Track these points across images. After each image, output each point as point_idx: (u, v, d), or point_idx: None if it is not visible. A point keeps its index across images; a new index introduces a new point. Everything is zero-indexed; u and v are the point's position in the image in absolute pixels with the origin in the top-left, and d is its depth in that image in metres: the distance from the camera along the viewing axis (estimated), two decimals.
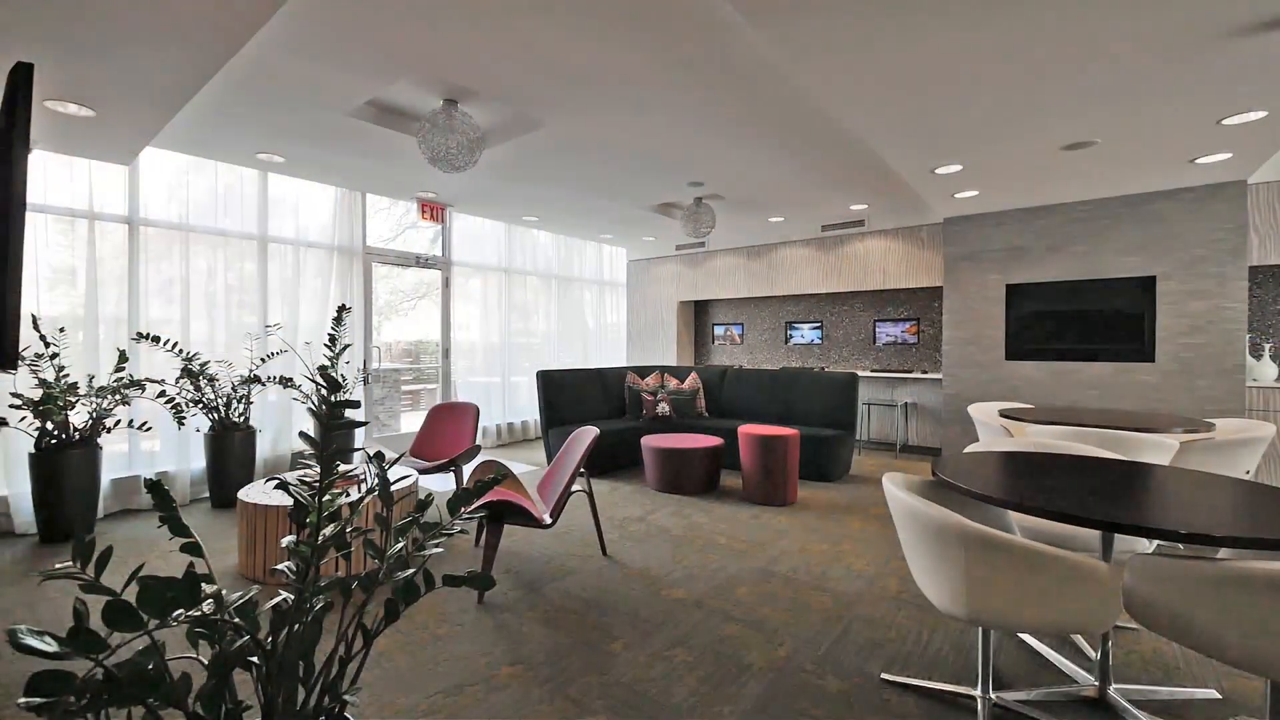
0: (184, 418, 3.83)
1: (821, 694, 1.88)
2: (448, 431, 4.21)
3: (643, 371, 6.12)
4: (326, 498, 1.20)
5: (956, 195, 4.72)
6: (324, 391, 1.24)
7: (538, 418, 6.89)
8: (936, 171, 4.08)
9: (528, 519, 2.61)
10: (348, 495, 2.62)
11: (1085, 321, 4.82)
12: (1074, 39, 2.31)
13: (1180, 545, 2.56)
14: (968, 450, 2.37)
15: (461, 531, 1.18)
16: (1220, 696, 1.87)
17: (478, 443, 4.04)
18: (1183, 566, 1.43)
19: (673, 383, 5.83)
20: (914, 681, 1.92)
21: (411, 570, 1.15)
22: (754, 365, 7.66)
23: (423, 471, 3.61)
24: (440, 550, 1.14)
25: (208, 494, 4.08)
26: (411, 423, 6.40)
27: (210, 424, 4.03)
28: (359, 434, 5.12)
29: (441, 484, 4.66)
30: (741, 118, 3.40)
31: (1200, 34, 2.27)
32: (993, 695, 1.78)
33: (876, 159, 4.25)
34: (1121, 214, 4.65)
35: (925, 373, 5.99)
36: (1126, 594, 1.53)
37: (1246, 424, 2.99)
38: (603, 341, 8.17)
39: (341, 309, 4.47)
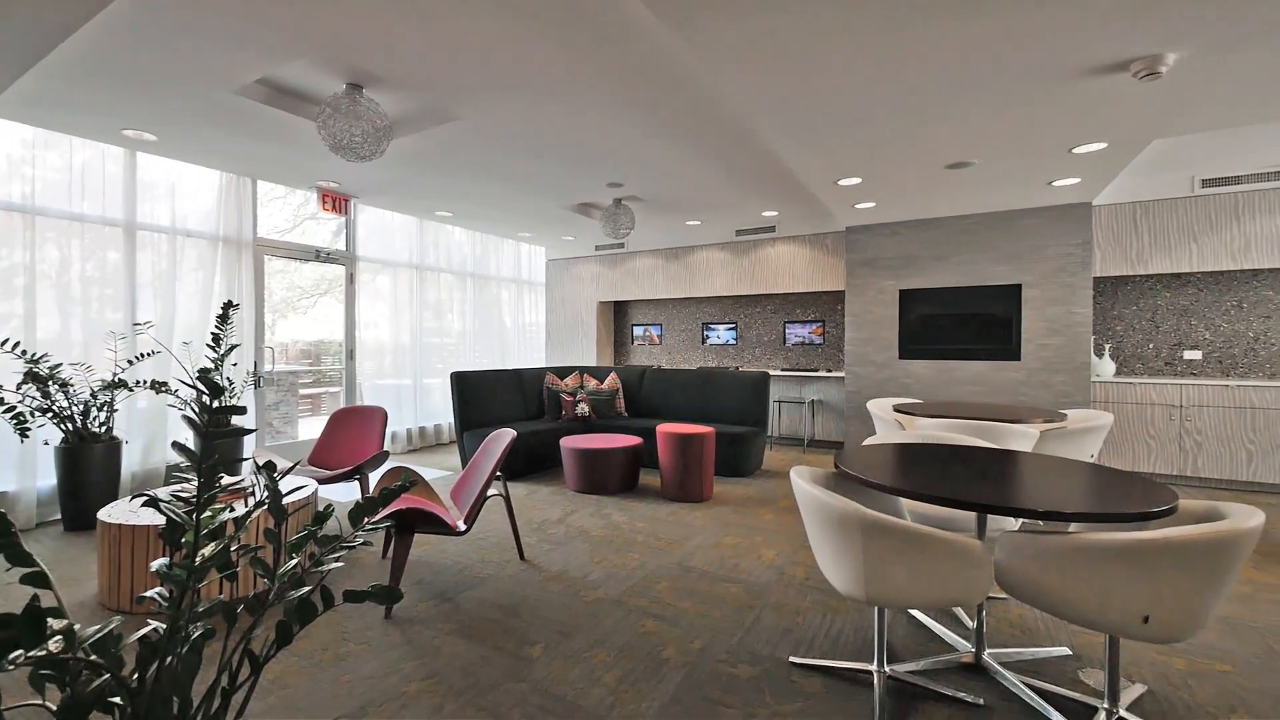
0: (28, 429, 3.33)
1: (735, 682, 1.95)
2: (352, 437, 3.95)
3: (562, 372, 6.07)
4: (206, 514, 1.09)
5: (857, 206, 5.06)
6: (205, 397, 1.12)
7: (452, 421, 6.64)
8: (839, 183, 4.36)
9: (440, 527, 2.51)
10: (232, 510, 2.39)
11: (965, 324, 5.34)
12: (956, 71, 2.56)
13: (1040, 522, 2.90)
14: (865, 443, 2.55)
15: (365, 544, 1.12)
16: (1071, 652, 2.14)
17: (386, 449, 3.83)
18: (1040, 541, 1.62)
19: (592, 383, 5.82)
20: (819, 662, 2.04)
21: (307, 588, 1.07)
22: (673, 365, 7.82)
23: (323, 481, 3.37)
24: (340, 565, 1.07)
25: (59, 515, 3.57)
26: (311, 429, 5.95)
27: (63, 435, 3.53)
28: (247, 442, 4.69)
29: (346, 494, 4.38)
30: (660, 121, 3.46)
31: (1054, 74, 2.59)
32: (887, 669, 1.93)
33: (786, 168, 4.47)
34: (995, 228, 5.20)
35: (830, 371, 6.38)
36: (997, 568, 1.71)
37: (1091, 414, 3.44)
38: (521, 342, 8.01)
39: (228, 306, 4.08)
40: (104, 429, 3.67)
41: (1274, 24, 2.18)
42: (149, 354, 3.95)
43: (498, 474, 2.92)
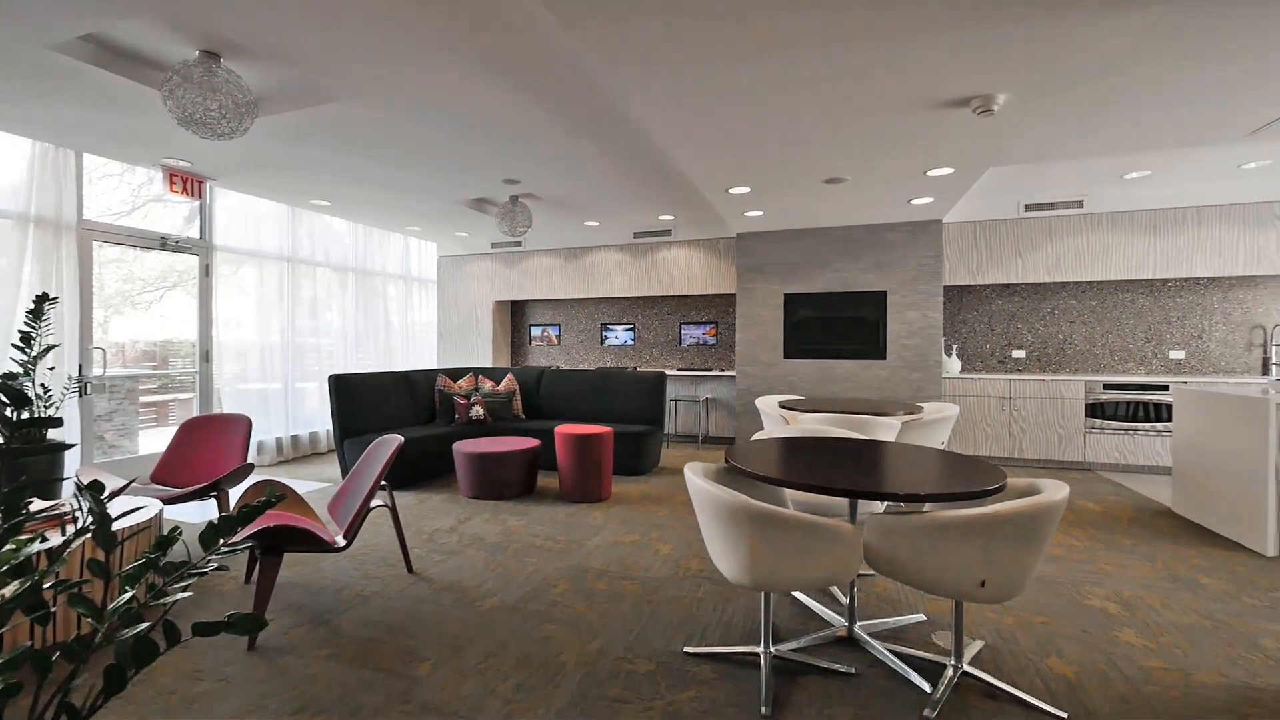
0: None
1: (632, 677, 1.98)
2: (208, 450, 3.51)
3: (456, 374, 5.81)
4: (7, 547, 0.92)
5: (747, 214, 5.35)
6: (8, 409, 0.95)
7: (330, 428, 6.12)
8: (730, 191, 4.58)
9: (315, 544, 2.30)
10: (45, 540, 2.03)
11: (841, 326, 5.83)
12: (832, 95, 2.78)
13: (901, 504, 3.23)
14: (753, 438, 2.70)
15: (220, 568, 1.00)
16: (926, 618, 2.41)
17: (250, 461, 3.45)
18: (900, 520, 1.81)
19: (488, 385, 5.64)
20: (711, 650, 2.13)
21: (145, 625, 0.94)
22: (571, 366, 7.78)
23: (170, 501, 2.96)
24: (189, 595, 0.95)
25: None
26: (156, 442, 5.22)
27: None
28: (70, 459, 4.01)
29: (202, 514, 3.88)
30: (560, 119, 3.42)
31: (912, 104, 2.90)
32: (772, 649, 2.06)
33: (682, 174, 4.62)
34: (865, 239, 5.73)
35: (723, 370, 6.68)
36: (865, 547, 1.89)
37: (942, 406, 3.89)
38: (410, 342, 7.57)
39: (42, 299, 3.45)
40: None
41: (1076, 76, 2.61)
42: None
43: (383, 483, 2.74)
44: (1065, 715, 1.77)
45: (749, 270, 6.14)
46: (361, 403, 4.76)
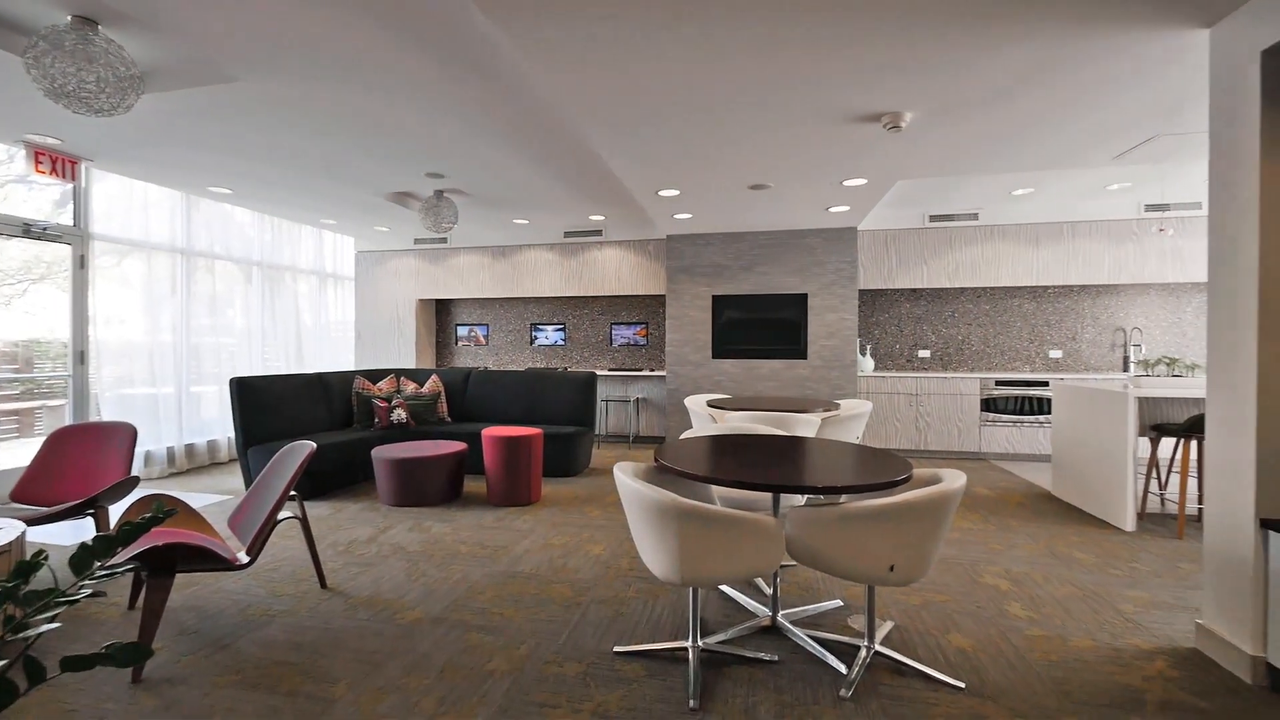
0: None
1: (562, 681, 1.96)
2: (84, 462, 3.13)
3: (375, 375, 5.53)
4: None
5: (676, 216, 5.44)
6: None
7: (232, 435, 5.64)
8: (660, 193, 4.64)
9: (213, 562, 2.11)
10: None
11: (765, 327, 6.05)
12: (754, 104, 2.88)
13: (820, 496, 3.39)
14: (682, 437, 2.75)
15: (96, 595, 0.90)
16: (842, 603, 2.55)
17: (135, 474, 3.12)
18: (818, 512, 1.90)
19: (411, 387, 5.40)
20: (641, 647, 2.15)
21: (1, 663, 0.82)
22: (500, 367, 7.60)
23: (35, 521, 2.62)
24: (57, 626, 0.84)
25: None
26: (20, 455, 4.61)
27: None
28: None
29: (75, 534, 3.47)
30: (488, 114, 3.33)
31: (828, 117, 3.06)
32: (700, 643, 2.11)
33: (612, 175, 4.63)
34: (788, 244, 5.98)
35: (653, 370, 6.76)
36: (787, 539, 1.97)
37: (857, 403, 4.13)
38: (324, 342, 7.12)
39: None
40: None
41: (971, 102, 2.85)
42: None
43: (292, 493, 2.55)
44: (963, 685, 1.93)
45: (679, 272, 6.25)
46: (268, 407, 4.42)
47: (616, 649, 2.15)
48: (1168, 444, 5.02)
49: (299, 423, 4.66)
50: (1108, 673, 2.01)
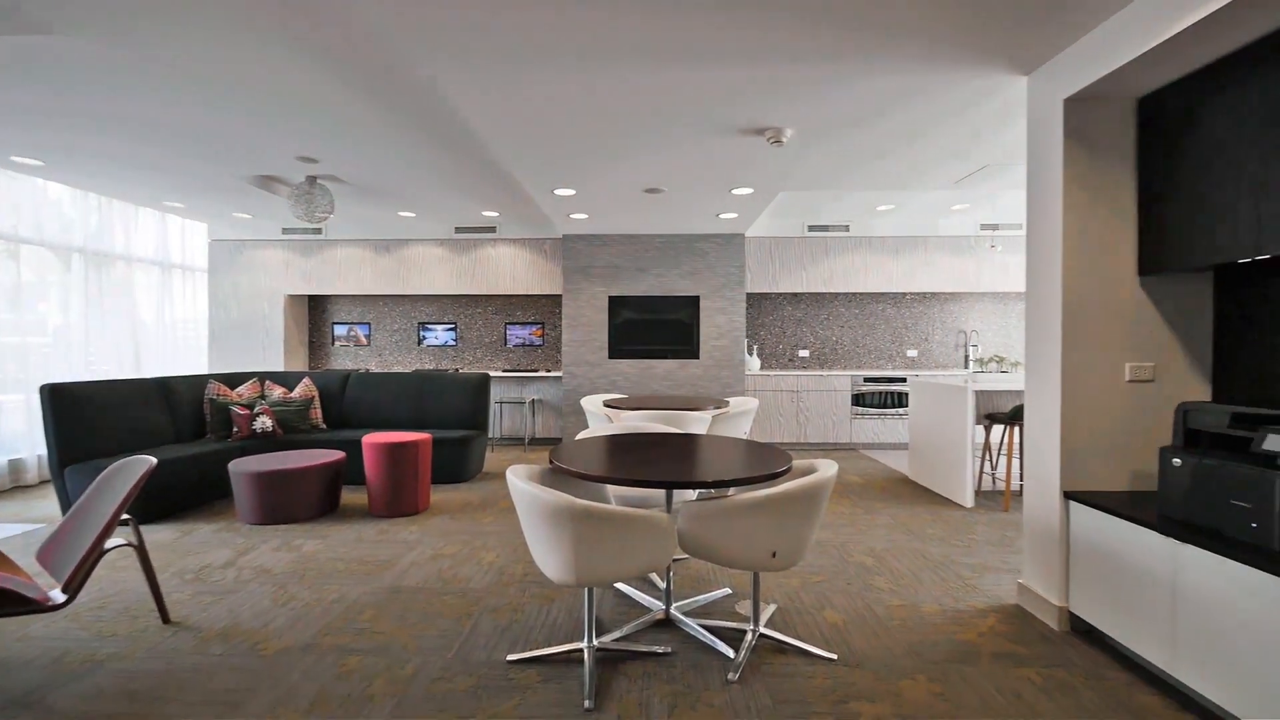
0: None
1: (451, 696, 1.87)
2: None
3: (235, 380, 4.94)
4: None
5: (572, 216, 5.41)
6: None
7: (43, 452, 4.76)
8: (555, 192, 4.59)
9: (14, 604, 1.77)
10: None
11: (660, 328, 6.21)
12: (647, 111, 2.94)
13: (711, 490, 3.54)
14: (577, 438, 2.74)
15: None
16: (731, 591, 2.68)
17: None
18: (707, 506, 1.99)
19: (278, 391, 4.89)
20: (535, 653, 2.11)
21: None
22: (384, 368, 7.11)
23: None
24: None
25: None
26: None
27: None
28: None
29: None
30: (370, 97, 3.10)
31: (717, 128, 3.20)
32: (595, 643, 2.11)
33: (507, 171, 4.50)
34: (682, 248, 6.18)
35: (549, 371, 6.67)
36: (680, 534, 2.04)
37: (745, 400, 4.36)
38: (169, 343, 6.23)
39: None
40: None
41: (840, 124, 3.12)
42: None
43: (125, 516, 2.21)
44: (835, 656, 2.11)
45: (575, 272, 6.23)
46: (92, 419, 3.78)
47: (510, 657, 2.09)
48: (998, 431, 5.83)
49: (135, 436, 4.04)
50: (951, 632, 2.30)
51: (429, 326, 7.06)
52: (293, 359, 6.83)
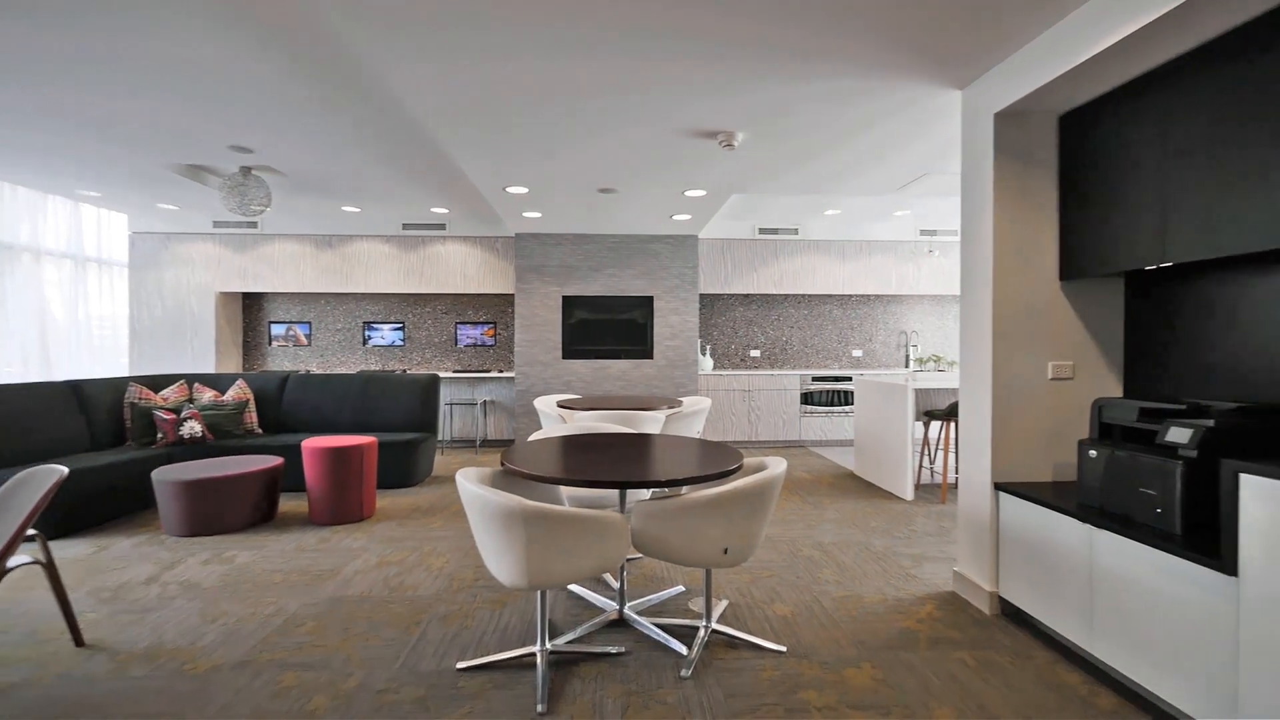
0: None
1: (398, 708, 1.81)
2: None
3: (159, 383, 4.62)
4: None
5: (525, 214, 5.33)
6: None
7: None
8: (507, 190, 4.51)
9: None
10: None
11: (614, 327, 6.21)
12: (601, 110, 2.93)
13: (665, 490, 3.56)
14: (530, 439, 2.71)
15: None
16: (684, 589, 2.70)
17: None
18: (661, 505, 2.00)
19: (208, 394, 4.61)
20: (486, 660, 2.07)
21: None
22: (326, 369, 6.81)
23: None
24: None
25: None
26: None
27: None
28: None
29: None
30: (310, 85, 2.96)
31: (672, 130, 3.23)
32: (549, 646, 2.09)
33: (456, 167, 4.40)
34: (636, 248, 6.19)
35: (501, 372, 6.56)
36: (633, 533, 2.04)
37: (698, 400, 4.42)
38: (83, 342, 5.76)
39: None
40: None
41: (789, 130, 3.20)
42: None
43: (31, 531, 2.03)
44: (784, 649, 2.17)
45: (528, 271, 6.15)
46: None
47: (460, 665, 2.05)
48: (936, 427, 6.12)
49: (41, 444, 3.72)
50: (893, 620, 2.40)
51: (375, 326, 6.81)
52: (225, 360, 6.45)
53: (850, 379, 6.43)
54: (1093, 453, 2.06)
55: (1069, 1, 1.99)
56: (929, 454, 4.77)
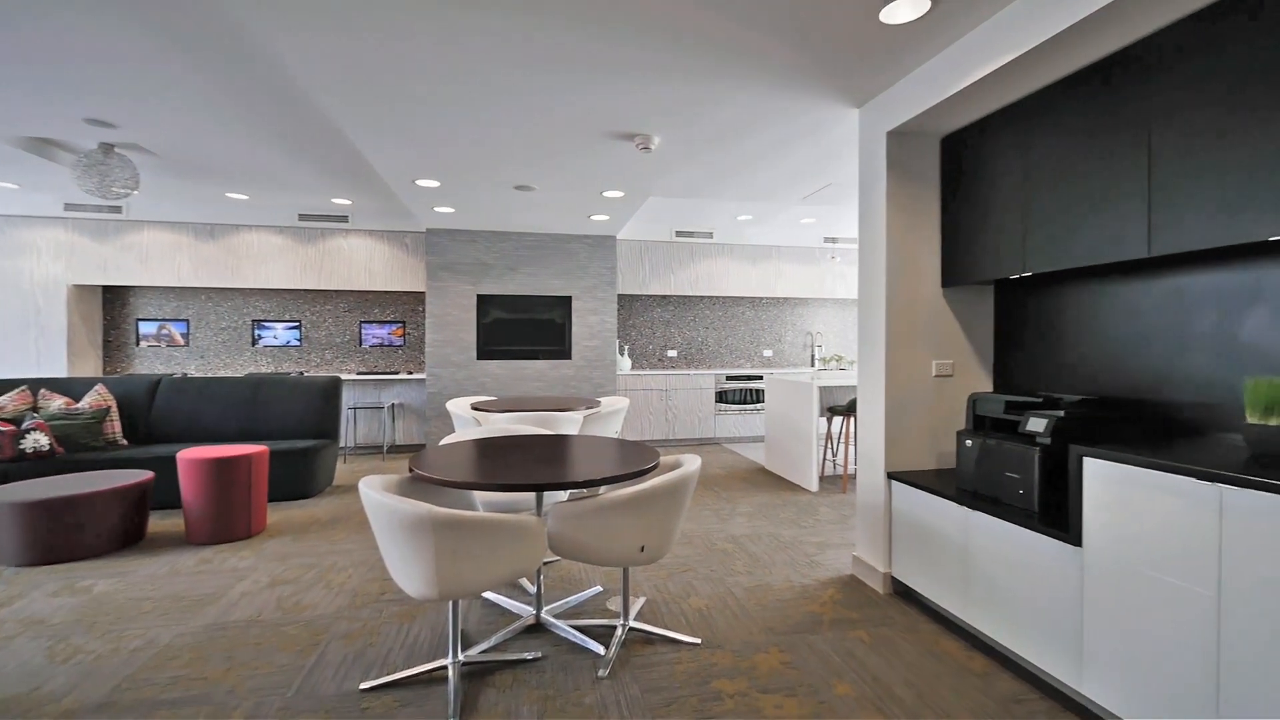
0: None
1: None
2: None
3: None
4: None
5: (436, 209, 5.11)
6: None
7: None
8: (417, 183, 4.30)
9: None
10: None
11: (531, 327, 6.10)
12: (518, 109, 2.86)
13: (583, 491, 3.55)
14: (442, 443, 2.60)
15: None
16: (602, 589, 2.71)
17: None
18: (577, 506, 1.99)
19: (59, 402, 4.03)
20: (393, 677, 1.96)
21: None
22: (208, 372, 6.17)
23: None
24: None
25: None
26: None
27: None
28: None
29: None
30: (186, 53, 2.65)
31: (590, 131, 3.22)
32: (461, 657, 2.02)
33: (360, 155, 4.13)
34: (554, 247, 6.12)
35: (411, 373, 6.24)
36: (550, 536, 2.01)
37: (616, 400, 4.44)
38: None
39: None
40: None
41: (701, 137, 3.29)
42: None
43: None
44: (699, 640, 2.23)
45: (440, 268, 5.90)
46: None
47: (364, 685, 1.92)
48: (838, 421, 6.55)
49: None
50: (799, 605, 2.53)
51: (266, 324, 6.25)
52: (81, 363, 5.66)
53: (761, 378, 6.72)
54: (968, 442, 2.29)
55: (942, 40, 2.20)
56: (832, 447, 5.09)
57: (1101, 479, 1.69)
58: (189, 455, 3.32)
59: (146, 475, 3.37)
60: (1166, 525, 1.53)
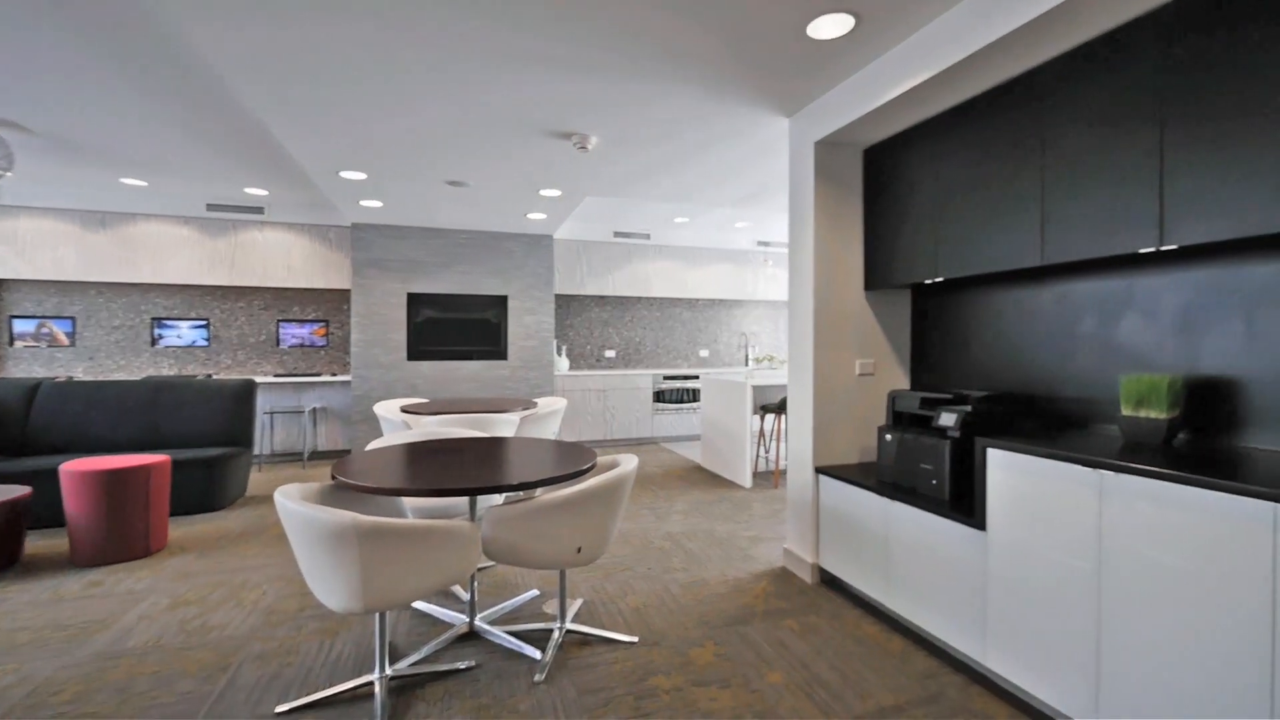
0: None
1: None
2: None
3: None
4: None
5: (363, 203, 4.87)
6: None
7: None
8: (342, 175, 4.08)
9: None
10: None
11: (466, 327, 5.93)
12: (451, 104, 2.77)
13: (520, 493, 3.49)
14: (369, 448, 2.48)
15: None
16: (539, 592, 2.67)
17: None
18: (512, 509, 1.95)
19: None
20: (313, 698, 1.85)
21: None
22: (97, 375, 5.59)
23: None
24: None
25: None
26: None
27: None
28: None
29: None
30: (76, 13, 2.39)
31: (526, 128, 3.16)
32: (389, 671, 1.93)
33: (278, 143, 3.87)
34: (489, 245, 5.97)
35: (335, 375, 5.91)
36: (484, 541, 1.96)
37: (553, 400, 4.39)
38: None
39: None
40: None
41: (640, 138, 3.32)
42: None
43: None
44: (636, 639, 2.24)
45: (367, 265, 5.62)
46: None
47: (280, 708, 1.81)
48: (770, 419, 6.77)
49: None
50: (733, 599, 2.60)
51: (168, 323, 5.73)
52: None
53: (698, 377, 6.85)
54: (888, 436, 2.43)
55: (865, 56, 2.33)
56: (765, 444, 5.26)
57: (1003, 468, 1.84)
58: (74, 467, 2.99)
59: (22, 491, 3.01)
60: (1056, 508, 1.69)
